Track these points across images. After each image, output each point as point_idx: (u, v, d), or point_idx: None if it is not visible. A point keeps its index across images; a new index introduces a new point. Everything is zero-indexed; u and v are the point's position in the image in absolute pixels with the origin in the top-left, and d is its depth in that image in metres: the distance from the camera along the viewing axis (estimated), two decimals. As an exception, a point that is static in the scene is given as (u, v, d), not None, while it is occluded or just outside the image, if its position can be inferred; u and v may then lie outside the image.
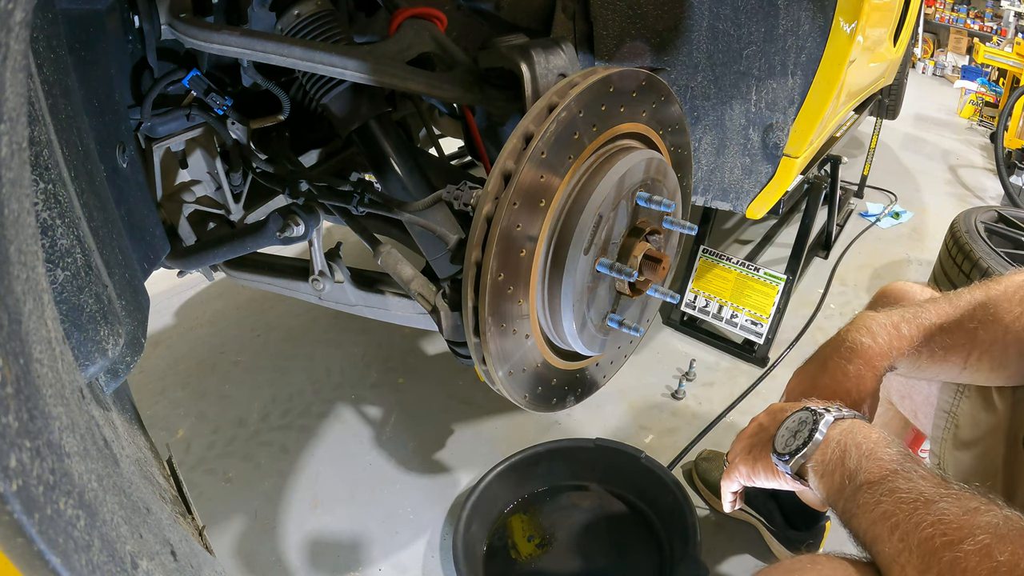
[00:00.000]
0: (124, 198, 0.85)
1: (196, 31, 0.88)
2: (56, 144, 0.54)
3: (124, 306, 0.65)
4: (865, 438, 0.72)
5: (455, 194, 0.93)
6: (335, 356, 2.16)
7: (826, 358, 0.91)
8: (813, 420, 0.76)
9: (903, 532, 0.60)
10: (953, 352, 0.88)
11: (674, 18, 1.29)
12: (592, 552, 1.49)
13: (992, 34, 5.91)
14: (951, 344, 0.88)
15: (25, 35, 0.34)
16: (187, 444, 1.81)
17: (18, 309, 0.34)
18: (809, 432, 0.75)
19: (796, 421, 0.78)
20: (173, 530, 0.60)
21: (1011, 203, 3.42)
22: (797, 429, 0.77)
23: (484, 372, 0.96)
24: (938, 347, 0.88)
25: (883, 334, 0.89)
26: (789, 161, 1.41)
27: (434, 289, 1.02)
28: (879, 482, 0.66)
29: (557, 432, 1.82)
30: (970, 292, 0.90)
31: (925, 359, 0.89)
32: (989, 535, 0.55)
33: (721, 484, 0.91)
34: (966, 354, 0.88)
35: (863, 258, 2.83)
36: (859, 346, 0.89)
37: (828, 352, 0.92)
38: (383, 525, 1.57)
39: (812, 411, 0.78)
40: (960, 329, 0.87)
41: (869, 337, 0.89)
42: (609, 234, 0.96)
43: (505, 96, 1.05)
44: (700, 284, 2.24)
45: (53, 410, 0.37)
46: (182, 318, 2.39)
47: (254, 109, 1.16)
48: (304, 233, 1.10)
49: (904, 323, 0.90)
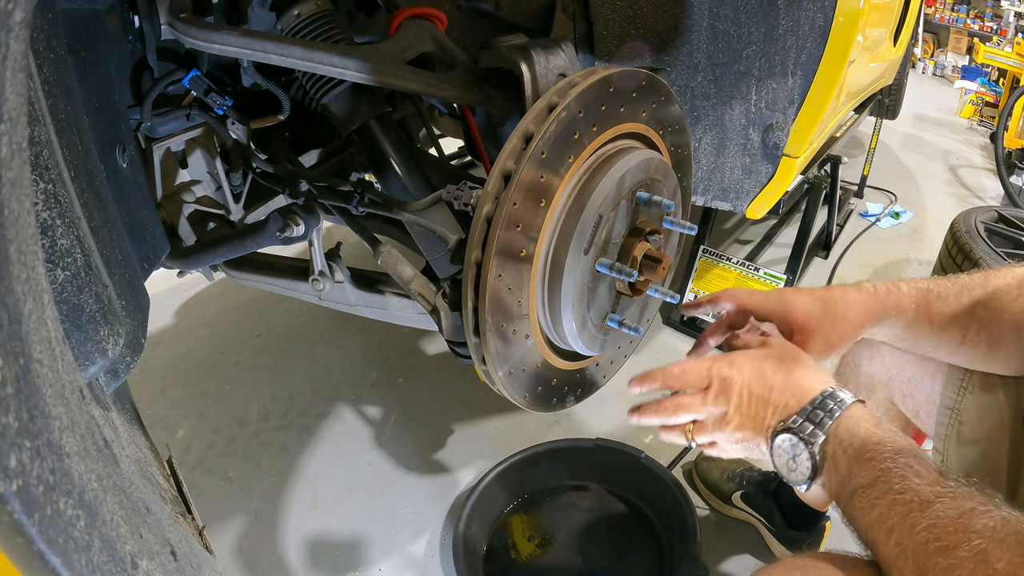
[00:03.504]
0: (124, 198, 0.85)
1: (196, 31, 0.88)
2: (56, 144, 0.54)
3: (124, 306, 0.65)
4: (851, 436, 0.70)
5: (455, 194, 0.93)
6: (335, 356, 2.16)
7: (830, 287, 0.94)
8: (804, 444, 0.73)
9: (898, 536, 0.60)
10: (952, 324, 0.89)
11: (674, 18, 1.29)
12: (592, 552, 1.49)
13: (992, 34, 5.91)
14: (950, 315, 0.89)
15: (25, 35, 0.34)
16: (187, 444, 1.81)
17: (18, 309, 0.34)
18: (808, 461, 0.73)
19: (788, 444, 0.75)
20: (173, 530, 0.60)
21: (1011, 203, 3.42)
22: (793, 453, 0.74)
23: (484, 372, 0.96)
24: (937, 315, 0.90)
25: (882, 286, 0.93)
26: (789, 161, 1.41)
27: (434, 289, 1.02)
28: (871, 485, 0.65)
29: (557, 432, 1.82)
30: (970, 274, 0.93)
31: (924, 325, 0.91)
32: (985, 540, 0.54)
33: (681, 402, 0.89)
34: (964, 328, 0.89)
35: (863, 258, 2.83)
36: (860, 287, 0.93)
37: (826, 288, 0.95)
38: (383, 525, 1.57)
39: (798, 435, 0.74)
40: (959, 302, 0.89)
41: (869, 284, 0.93)
42: (609, 234, 0.96)
43: (505, 96, 1.05)
44: (700, 284, 2.24)
45: (53, 410, 0.37)
46: (182, 318, 2.39)
47: (254, 109, 1.16)
48: (304, 233, 1.10)
49: (904, 284, 0.93)
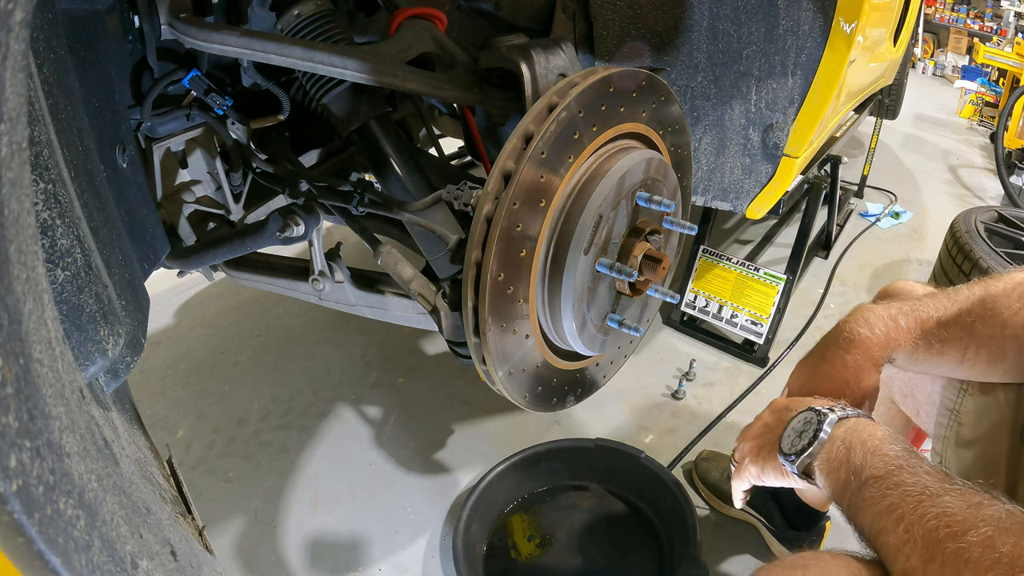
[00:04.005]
0: (124, 198, 0.85)
1: (196, 31, 0.88)
2: (56, 144, 0.54)
3: (124, 306, 0.65)
4: (870, 435, 0.72)
5: (455, 194, 0.93)
6: (335, 356, 2.16)
7: (824, 349, 0.92)
8: (818, 420, 0.77)
9: (908, 523, 0.61)
10: (950, 346, 0.89)
11: (674, 18, 1.29)
12: (592, 552, 1.49)
13: (992, 34, 5.91)
14: (948, 338, 0.88)
15: (25, 35, 0.34)
16: (187, 444, 1.81)
17: (18, 309, 0.34)
18: (814, 432, 0.76)
19: (801, 421, 0.79)
20: (173, 530, 0.60)
21: (1011, 203, 3.42)
22: (802, 429, 0.78)
23: (484, 372, 0.96)
24: (935, 340, 0.89)
25: (880, 325, 0.89)
26: (789, 161, 1.41)
27: (434, 289, 1.02)
28: (884, 477, 0.67)
29: (557, 432, 1.82)
30: (969, 288, 0.91)
31: (922, 352, 0.90)
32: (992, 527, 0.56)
33: (732, 484, 0.91)
34: (963, 348, 0.88)
35: (863, 258, 2.83)
36: (857, 337, 0.89)
37: (827, 343, 0.93)
38: (383, 525, 1.57)
39: (816, 411, 0.78)
40: (958, 323, 0.88)
41: (867, 328, 0.90)
42: (609, 234, 0.96)
43: (505, 96, 1.05)
44: (700, 284, 2.24)
45: (53, 410, 0.37)
46: (182, 318, 2.39)
47: (254, 109, 1.16)
48: (304, 233, 1.10)
49: (902, 315, 0.90)
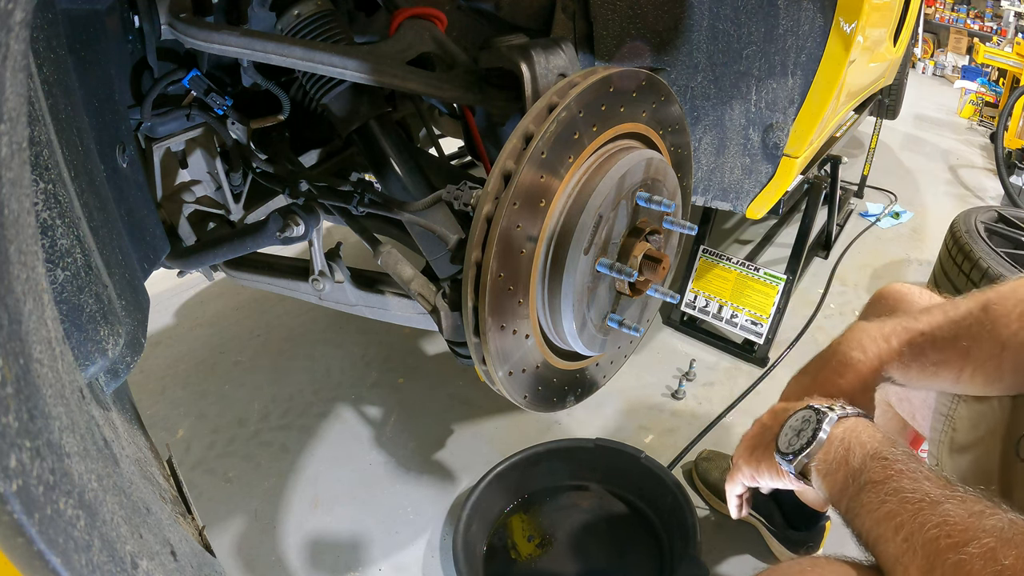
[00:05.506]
0: (124, 198, 0.85)
1: (196, 31, 0.88)
2: (56, 144, 0.54)
3: (124, 306, 0.65)
4: (870, 437, 0.71)
5: (455, 194, 0.93)
6: (335, 356, 2.16)
7: (817, 371, 0.91)
8: (817, 419, 0.75)
9: (907, 532, 0.60)
10: (945, 368, 0.86)
11: (674, 18, 1.29)
12: (592, 552, 1.49)
13: (992, 34, 5.91)
14: (942, 360, 0.86)
15: (25, 35, 0.34)
16: (187, 444, 1.81)
17: (18, 309, 0.34)
18: (813, 431, 0.75)
19: (800, 420, 0.78)
20: (173, 530, 0.60)
21: (1011, 203, 3.42)
22: (800, 428, 0.77)
23: (484, 372, 0.96)
24: (929, 363, 0.86)
25: (873, 348, 0.88)
26: (789, 161, 1.41)
27: (434, 289, 1.02)
28: (884, 482, 0.65)
29: (557, 432, 1.82)
30: (967, 303, 0.87)
31: (915, 373, 0.88)
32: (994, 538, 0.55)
33: (725, 487, 0.90)
34: (958, 370, 0.85)
35: (863, 258, 2.83)
36: (850, 361, 0.88)
37: (820, 365, 0.91)
38: (383, 525, 1.57)
39: (816, 409, 0.77)
40: (953, 347, 0.85)
41: (860, 351, 0.88)
42: (609, 234, 0.96)
43: (505, 96, 1.05)
44: (700, 284, 2.24)
45: (53, 410, 0.37)
46: (182, 318, 2.39)
47: (254, 109, 1.16)
48: (304, 233, 1.10)
49: (895, 336, 0.88)
